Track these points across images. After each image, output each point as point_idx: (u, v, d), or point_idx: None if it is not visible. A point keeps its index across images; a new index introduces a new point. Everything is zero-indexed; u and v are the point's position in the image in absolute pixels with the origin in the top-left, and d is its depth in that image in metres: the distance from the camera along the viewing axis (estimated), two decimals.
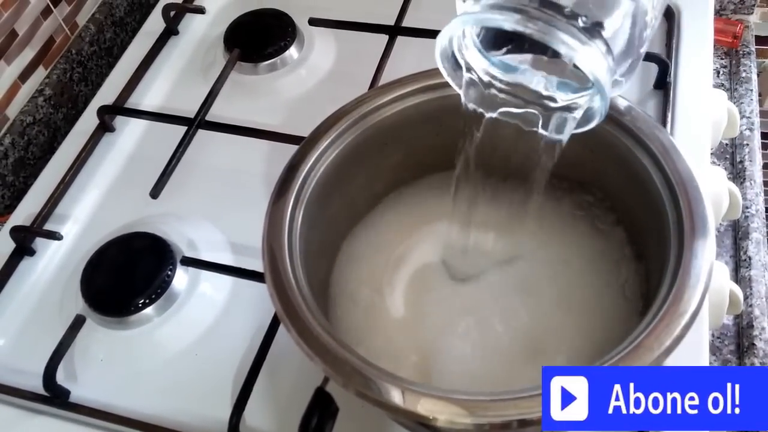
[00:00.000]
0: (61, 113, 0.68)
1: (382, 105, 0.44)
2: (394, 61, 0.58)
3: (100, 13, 0.73)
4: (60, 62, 0.69)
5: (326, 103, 0.44)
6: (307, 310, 0.34)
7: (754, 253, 0.54)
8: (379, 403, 0.32)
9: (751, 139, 0.60)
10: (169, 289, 0.49)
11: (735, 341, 0.51)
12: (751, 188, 0.58)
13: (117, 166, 0.59)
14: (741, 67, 0.64)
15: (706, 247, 0.34)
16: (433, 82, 0.44)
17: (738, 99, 0.62)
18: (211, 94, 0.59)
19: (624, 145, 0.39)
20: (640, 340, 0.32)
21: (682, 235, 0.35)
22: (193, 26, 0.68)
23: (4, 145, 0.62)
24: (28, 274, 0.53)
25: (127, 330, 0.48)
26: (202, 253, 0.51)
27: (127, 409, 0.45)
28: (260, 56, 0.62)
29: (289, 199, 0.39)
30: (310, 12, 0.64)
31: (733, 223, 0.57)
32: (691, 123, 0.52)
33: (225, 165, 0.57)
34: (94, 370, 0.48)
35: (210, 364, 0.47)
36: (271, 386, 0.45)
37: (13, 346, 0.50)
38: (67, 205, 0.56)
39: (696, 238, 0.34)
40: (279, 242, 0.37)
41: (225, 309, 0.49)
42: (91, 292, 0.49)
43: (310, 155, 0.41)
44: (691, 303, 0.33)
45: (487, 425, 0.31)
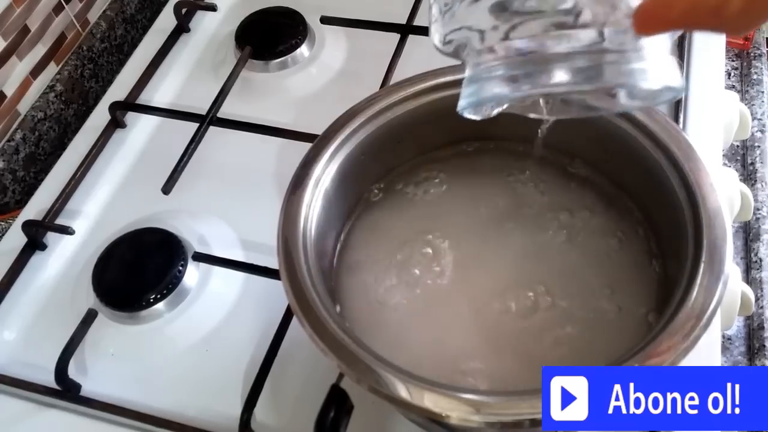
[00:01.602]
0: (72, 109, 0.68)
1: (394, 103, 0.44)
2: (405, 60, 0.58)
3: (111, 10, 0.73)
4: (71, 58, 0.69)
5: (337, 101, 0.45)
6: (321, 305, 0.34)
7: (765, 255, 0.54)
8: (392, 399, 0.32)
9: (762, 141, 0.60)
10: (180, 284, 0.49)
11: (746, 343, 0.51)
12: (763, 190, 0.57)
13: (128, 162, 0.59)
14: (752, 69, 0.63)
15: (723, 248, 0.34)
16: (444, 80, 0.44)
17: (749, 101, 0.62)
18: (223, 91, 0.59)
19: (641, 145, 0.39)
20: (657, 341, 0.32)
21: (698, 236, 0.35)
22: (204, 24, 0.69)
23: (15, 141, 0.63)
24: (40, 269, 0.53)
25: (138, 325, 0.48)
26: (213, 249, 0.51)
27: (138, 404, 0.45)
28: (271, 54, 0.62)
29: (304, 195, 0.39)
30: (321, 10, 0.64)
31: (744, 224, 0.57)
32: (702, 125, 0.52)
33: (236, 162, 0.58)
34: (104, 364, 0.48)
35: (220, 360, 0.47)
36: (281, 382, 0.45)
37: (24, 340, 0.50)
38: (78, 201, 0.57)
39: (712, 239, 0.34)
40: (294, 238, 0.37)
41: (235, 305, 0.50)
42: (102, 286, 0.49)
43: (324, 152, 0.41)
44: (708, 303, 0.33)
45: (498, 423, 0.31)
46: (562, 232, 0.43)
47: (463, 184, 0.46)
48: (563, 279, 0.41)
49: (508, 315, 0.40)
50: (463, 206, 0.44)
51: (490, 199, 0.45)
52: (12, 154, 0.62)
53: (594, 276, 0.41)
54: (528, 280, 0.42)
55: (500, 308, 0.40)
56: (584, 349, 0.38)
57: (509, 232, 0.43)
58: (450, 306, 0.41)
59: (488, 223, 0.44)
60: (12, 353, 0.50)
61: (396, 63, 0.57)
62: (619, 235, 0.42)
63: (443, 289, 0.42)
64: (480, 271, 0.42)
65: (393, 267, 0.43)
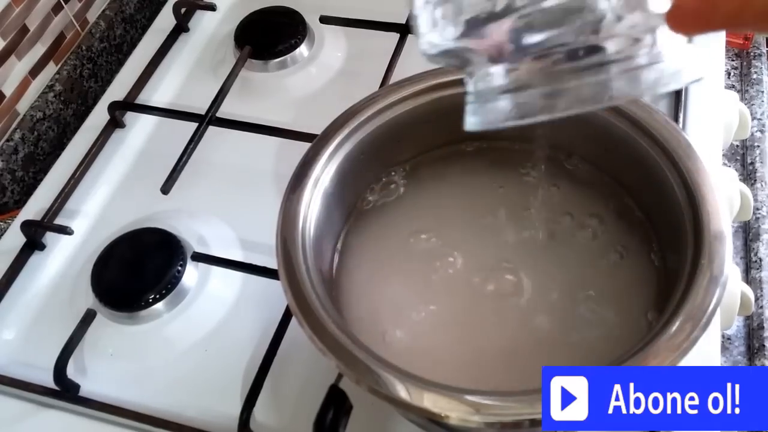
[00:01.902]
0: (71, 109, 0.68)
1: (393, 103, 0.44)
2: (404, 60, 0.58)
3: (110, 10, 0.73)
4: (70, 58, 0.69)
5: (336, 100, 0.45)
6: (320, 305, 0.34)
7: (765, 255, 0.54)
8: (392, 399, 0.32)
9: (762, 141, 0.60)
10: (179, 284, 0.49)
11: (745, 342, 0.51)
12: (762, 190, 0.57)
13: (127, 161, 0.59)
14: (752, 69, 0.63)
15: (723, 249, 0.34)
16: (444, 80, 0.44)
17: (749, 101, 0.62)
18: (222, 91, 0.59)
19: (640, 145, 0.39)
20: (656, 341, 0.32)
21: (698, 236, 0.35)
22: (203, 23, 0.68)
23: (14, 141, 0.63)
24: (38, 269, 0.53)
25: (137, 325, 0.48)
26: (212, 249, 0.51)
27: (137, 404, 0.45)
28: (271, 54, 0.62)
29: (303, 194, 0.39)
30: (320, 10, 0.64)
31: (743, 224, 0.57)
32: (702, 124, 0.52)
33: (235, 161, 0.58)
34: (103, 364, 0.48)
35: (220, 360, 0.47)
36: (281, 382, 0.45)
37: (23, 340, 0.50)
38: (77, 200, 0.56)
39: (712, 239, 0.34)
40: (293, 237, 0.37)
41: (234, 305, 0.50)
42: (101, 286, 0.49)
43: (323, 152, 0.41)
44: (707, 303, 0.33)
45: (497, 423, 0.31)
46: (560, 231, 0.43)
47: (461, 183, 0.46)
48: (562, 279, 0.41)
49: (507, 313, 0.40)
50: (462, 206, 0.44)
51: (489, 198, 0.45)
52: (11, 154, 0.62)
53: (594, 276, 0.41)
54: (527, 281, 0.42)
55: (499, 306, 0.40)
56: (585, 349, 0.38)
57: (508, 231, 0.43)
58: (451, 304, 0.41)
59: (487, 222, 0.44)
60: (11, 353, 0.50)
61: (395, 63, 0.57)
62: (619, 235, 0.42)
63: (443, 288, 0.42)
64: (479, 271, 0.42)
65: (391, 266, 0.43)
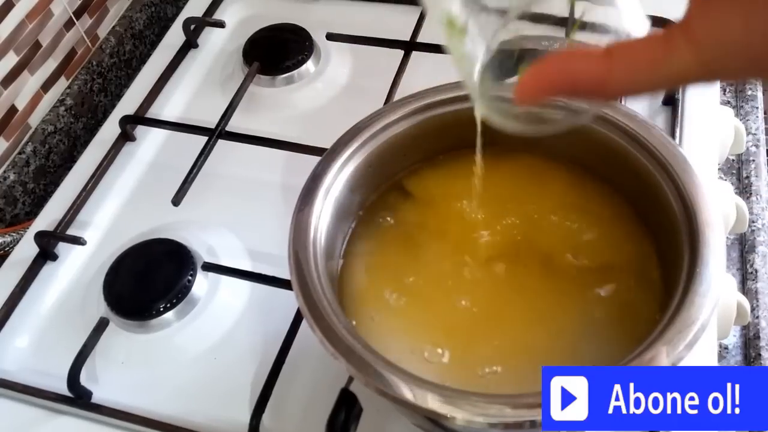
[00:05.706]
0: (81, 123, 0.70)
1: (399, 118, 0.45)
2: (409, 76, 0.59)
3: (121, 26, 0.75)
4: (81, 73, 0.70)
5: (342, 116, 0.46)
6: (331, 312, 0.36)
7: (760, 266, 0.55)
8: (398, 401, 0.33)
9: (757, 155, 0.62)
10: (189, 294, 0.50)
11: (742, 352, 0.52)
12: (757, 203, 0.59)
13: (138, 174, 0.61)
14: (747, 85, 0.65)
15: (718, 259, 0.35)
16: (448, 96, 0.45)
17: (744, 116, 0.64)
18: (231, 105, 0.60)
19: (638, 159, 0.41)
20: (652, 348, 0.33)
21: (694, 247, 0.36)
22: (212, 40, 0.70)
23: (26, 153, 0.64)
24: (51, 279, 0.54)
25: (147, 333, 0.49)
26: (221, 260, 0.52)
27: (147, 410, 0.46)
28: (278, 69, 0.64)
29: (314, 206, 0.41)
30: (327, 27, 0.65)
31: (739, 236, 0.58)
32: (698, 139, 0.54)
33: (243, 174, 0.59)
34: (115, 372, 0.49)
35: (229, 368, 0.48)
36: (289, 389, 0.46)
37: (36, 347, 0.51)
38: (89, 212, 0.58)
39: (708, 250, 0.36)
40: (304, 247, 0.38)
41: (243, 315, 0.51)
42: (113, 296, 0.50)
43: (332, 165, 0.42)
44: (702, 311, 0.34)
45: (500, 424, 0.33)
46: (561, 239, 0.44)
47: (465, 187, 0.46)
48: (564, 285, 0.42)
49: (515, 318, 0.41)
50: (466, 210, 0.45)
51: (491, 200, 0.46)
52: (23, 167, 0.63)
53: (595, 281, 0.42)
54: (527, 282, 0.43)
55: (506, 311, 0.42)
56: (585, 350, 0.39)
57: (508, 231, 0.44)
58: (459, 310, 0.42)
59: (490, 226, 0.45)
60: (24, 361, 0.51)
61: (400, 79, 0.59)
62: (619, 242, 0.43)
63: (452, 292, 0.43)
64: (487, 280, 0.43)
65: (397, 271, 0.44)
